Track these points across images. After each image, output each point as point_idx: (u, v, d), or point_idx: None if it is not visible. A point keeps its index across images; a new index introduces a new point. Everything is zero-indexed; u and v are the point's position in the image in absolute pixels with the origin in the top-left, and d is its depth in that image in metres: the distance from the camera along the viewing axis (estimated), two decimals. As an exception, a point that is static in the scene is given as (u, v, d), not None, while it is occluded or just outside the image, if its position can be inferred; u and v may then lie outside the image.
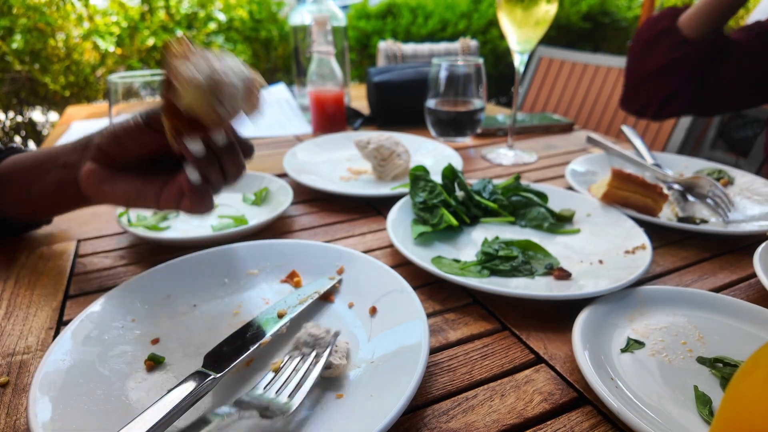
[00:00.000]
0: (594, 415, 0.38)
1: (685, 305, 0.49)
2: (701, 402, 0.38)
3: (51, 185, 0.53)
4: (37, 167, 0.54)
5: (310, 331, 0.41)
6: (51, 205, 0.57)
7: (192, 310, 0.48)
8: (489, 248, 0.56)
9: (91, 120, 1.28)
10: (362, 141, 0.82)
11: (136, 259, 0.60)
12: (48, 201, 0.55)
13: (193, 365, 0.41)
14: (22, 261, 0.59)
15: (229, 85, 0.38)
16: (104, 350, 0.41)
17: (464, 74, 0.98)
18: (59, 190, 0.53)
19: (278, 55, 2.91)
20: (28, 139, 2.81)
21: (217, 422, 0.33)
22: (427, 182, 0.66)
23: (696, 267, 0.59)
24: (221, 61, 0.39)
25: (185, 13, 2.67)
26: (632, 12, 3.21)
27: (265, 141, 1.10)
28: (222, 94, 0.38)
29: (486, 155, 0.98)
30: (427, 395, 0.39)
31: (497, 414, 0.37)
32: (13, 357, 0.43)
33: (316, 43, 1.03)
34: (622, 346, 0.44)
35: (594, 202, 0.69)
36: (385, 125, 1.17)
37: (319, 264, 0.54)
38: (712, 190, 0.70)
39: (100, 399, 0.37)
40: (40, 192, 0.54)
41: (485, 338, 0.46)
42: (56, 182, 0.52)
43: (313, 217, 0.72)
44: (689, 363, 0.42)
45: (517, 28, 0.84)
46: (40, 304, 0.51)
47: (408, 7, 2.72)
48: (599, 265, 0.56)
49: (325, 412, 0.36)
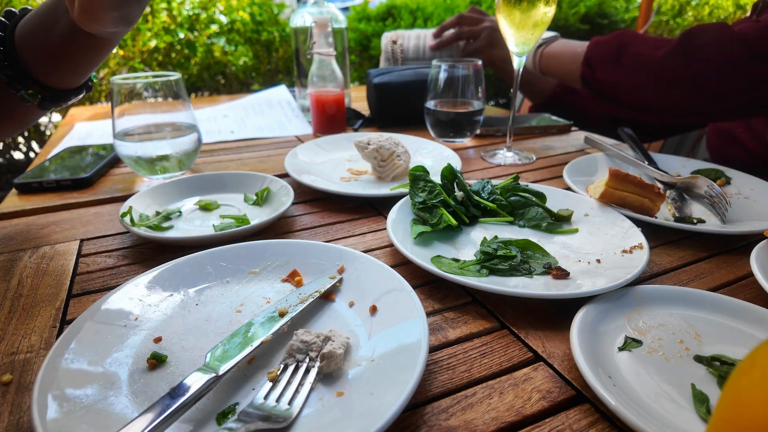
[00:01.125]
0: (592, 413, 0.38)
1: (682, 304, 0.49)
2: (698, 400, 0.38)
3: (65, 32, 0.55)
4: (48, 18, 0.56)
5: (302, 338, 0.42)
6: (72, 56, 0.59)
7: (194, 309, 0.48)
8: (488, 248, 0.57)
9: (94, 121, 1.29)
10: (362, 142, 0.82)
11: (139, 259, 0.60)
12: (68, 50, 0.58)
13: (195, 364, 0.41)
14: (25, 260, 0.60)
15: None
16: (107, 349, 0.42)
17: (463, 75, 0.99)
18: (72, 33, 0.55)
19: (279, 56, 2.92)
20: (32, 140, 2.81)
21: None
22: (427, 182, 0.67)
23: (693, 266, 0.59)
24: None
25: (187, 15, 2.68)
26: (630, 14, 3.21)
27: (266, 141, 1.11)
28: None
29: (485, 156, 0.98)
30: (427, 393, 0.40)
31: (496, 412, 0.38)
32: (17, 355, 0.44)
33: (316, 44, 1.03)
34: (620, 345, 0.44)
35: (592, 202, 0.69)
36: (385, 126, 1.18)
37: (320, 263, 0.54)
38: (710, 190, 0.71)
39: (102, 397, 0.37)
40: (60, 42, 0.56)
41: (484, 337, 0.46)
42: (68, 27, 0.55)
43: (314, 217, 0.72)
44: (686, 361, 0.43)
45: (515, 30, 0.85)
46: (43, 303, 0.51)
47: (408, 9, 2.73)
48: (597, 265, 0.56)
49: (326, 410, 0.37)
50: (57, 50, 0.57)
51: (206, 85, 2.87)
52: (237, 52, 2.76)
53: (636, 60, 0.89)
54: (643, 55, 0.88)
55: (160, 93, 0.80)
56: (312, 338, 0.42)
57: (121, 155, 0.82)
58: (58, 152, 0.98)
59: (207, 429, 0.35)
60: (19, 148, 2.77)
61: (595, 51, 0.95)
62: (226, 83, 2.93)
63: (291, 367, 0.40)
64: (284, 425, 0.35)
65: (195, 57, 2.71)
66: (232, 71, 2.84)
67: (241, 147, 1.07)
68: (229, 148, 1.06)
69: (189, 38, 2.70)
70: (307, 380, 0.39)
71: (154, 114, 0.82)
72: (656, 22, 3.44)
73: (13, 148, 2.68)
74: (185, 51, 2.71)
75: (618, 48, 0.91)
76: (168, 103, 0.81)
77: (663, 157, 0.91)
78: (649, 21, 2.44)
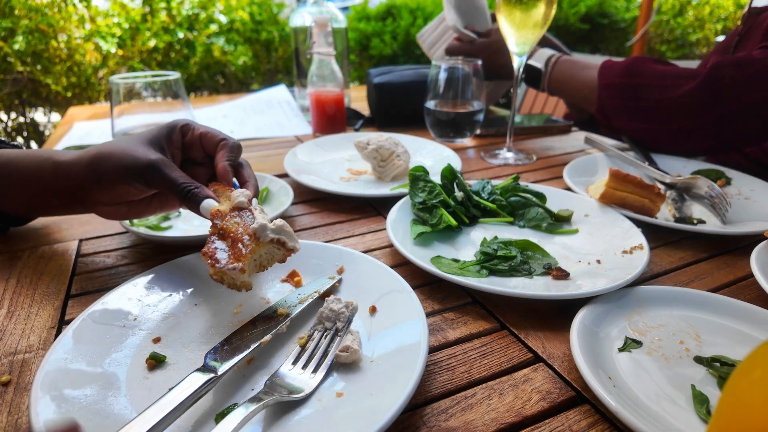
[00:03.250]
0: (592, 414, 0.38)
1: (682, 305, 0.49)
2: (698, 401, 0.38)
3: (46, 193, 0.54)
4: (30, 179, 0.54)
5: (331, 306, 0.44)
6: (44, 211, 0.60)
7: (193, 310, 0.48)
8: (488, 248, 0.57)
9: (93, 120, 1.29)
10: (362, 142, 0.82)
11: (138, 259, 0.60)
12: (45, 207, 0.57)
13: (194, 364, 0.41)
14: (24, 260, 0.60)
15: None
16: (106, 349, 0.42)
17: (463, 75, 0.99)
18: (61, 203, 0.54)
19: (279, 56, 2.92)
20: (31, 139, 2.81)
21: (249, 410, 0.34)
22: (427, 183, 0.67)
23: (693, 267, 0.59)
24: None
25: (186, 14, 2.68)
26: (630, 13, 3.22)
27: (265, 141, 1.11)
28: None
29: (485, 156, 0.98)
30: (427, 394, 0.39)
31: (496, 412, 0.38)
32: (15, 356, 0.44)
33: (316, 44, 1.03)
34: (620, 346, 0.44)
35: (592, 202, 0.69)
36: (385, 126, 1.18)
37: (319, 263, 0.54)
38: (710, 190, 0.71)
39: (101, 398, 0.37)
40: (35, 201, 0.55)
41: (484, 337, 0.46)
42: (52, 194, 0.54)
43: (314, 217, 0.72)
44: (687, 362, 0.43)
45: (515, 29, 0.85)
46: (42, 304, 0.51)
47: (408, 8, 2.73)
48: (597, 265, 0.56)
49: (326, 411, 0.37)
50: (31, 204, 0.57)
51: (205, 84, 2.86)
52: (236, 52, 2.76)
53: (657, 104, 0.83)
54: (663, 99, 0.82)
55: (160, 92, 0.80)
56: (341, 307, 0.44)
57: (120, 155, 0.82)
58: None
59: (207, 429, 0.35)
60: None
61: (608, 97, 0.89)
62: (226, 83, 2.92)
63: (319, 334, 0.43)
64: (303, 396, 0.37)
65: (194, 57, 2.71)
66: (232, 71, 2.84)
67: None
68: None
69: (188, 38, 2.69)
70: (332, 350, 0.41)
71: (153, 113, 0.82)
72: (656, 22, 3.44)
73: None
74: (184, 51, 2.70)
75: (634, 92, 0.85)
76: (167, 103, 0.81)
77: (663, 158, 0.91)
78: (650, 21, 2.44)
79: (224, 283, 0.44)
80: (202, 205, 0.47)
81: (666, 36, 3.54)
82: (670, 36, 3.52)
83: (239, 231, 0.45)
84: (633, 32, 3.08)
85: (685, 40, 3.50)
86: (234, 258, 0.43)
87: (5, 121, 2.75)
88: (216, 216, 0.46)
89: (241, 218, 0.46)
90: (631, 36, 3.11)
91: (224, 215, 0.46)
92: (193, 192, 0.48)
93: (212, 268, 0.43)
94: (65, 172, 0.52)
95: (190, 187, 0.48)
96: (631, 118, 0.87)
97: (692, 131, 0.82)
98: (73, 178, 0.51)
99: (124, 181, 0.49)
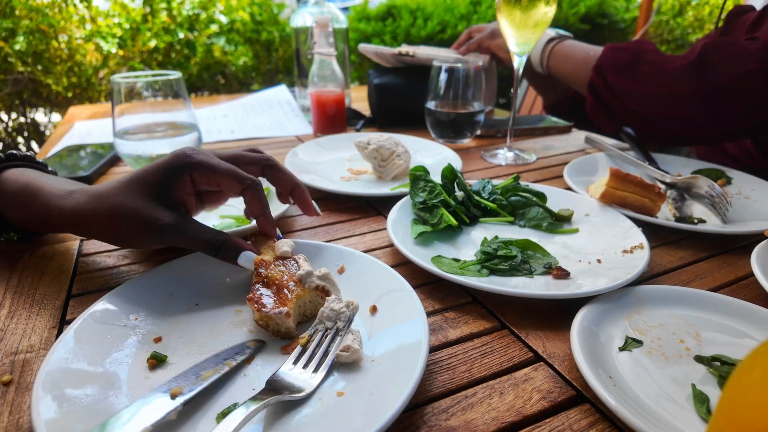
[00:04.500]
0: (592, 413, 0.38)
1: (682, 304, 0.49)
2: (699, 400, 0.38)
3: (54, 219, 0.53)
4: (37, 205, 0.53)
5: (332, 305, 0.44)
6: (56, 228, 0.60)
7: (194, 309, 0.48)
8: (488, 248, 0.57)
9: (93, 120, 1.29)
10: (362, 142, 0.82)
11: (139, 259, 0.60)
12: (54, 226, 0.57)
13: (195, 363, 0.41)
14: (24, 260, 0.60)
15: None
16: (107, 349, 0.42)
17: (464, 76, 0.99)
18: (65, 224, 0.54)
19: (279, 56, 2.92)
20: (31, 140, 2.81)
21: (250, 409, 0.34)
22: (427, 182, 0.67)
23: (694, 266, 0.59)
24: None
25: (187, 14, 2.68)
26: (630, 13, 3.21)
27: (266, 141, 1.11)
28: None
29: (485, 156, 0.98)
30: (427, 393, 0.40)
31: (496, 412, 0.38)
32: (17, 356, 0.44)
33: (317, 44, 1.03)
34: (620, 345, 0.44)
35: (592, 202, 0.69)
36: (386, 126, 1.18)
37: (320, 263, 0.54)
38: (710, 190, 0.71)
39: (102, 397, 0.37)
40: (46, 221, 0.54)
41: (484, 337, 0.46)
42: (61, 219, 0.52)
43: (314, 216, 0.72)
44: (687, 361, 0.43)
45: (516, 29, 0.85)
46: (43, 303, 0.51)
47: (408, 9, 2.73)
48: (597, 265, 0.56)
49: (327, 410, 0.37)
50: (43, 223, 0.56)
51: (206, 84, 2.86)
52: (237, 52, 2.76)
53: (652, 68, 0.88)
54: (659, 63, 0.87)
55: (161, 92, 0.80)
56: (341, 307, 0.44)
57: (121, 154, 0.82)
58: (57, 151, 0.98)
59: (207, 429, 0.35)
60: (19, 147, 2.77)
61: (610, 56, 0.93)
62: (226, 83, 2.93)
63: (320, 333, 0.43)
64: (303, 395, 0.37)
65: (195, 57, 2.71)
66: (232, 71, 2.84)
67: (241, 146, 1.06)
68: (229, 147, 1.06)
69: (189, 38, 2.70)
70: (332, 351, 0.41)
71: (154, 113, 0.82)
72: (656, 22, 3.44)
73: (12, 148, 2.68)
74: (185, 51, 2.71)
75: (635, 54, 0.90)
76: (168, 102, 0.81)
77: (664, 157, 0.91)
78: (650, 21, 2.44)
79: (268, 329, 0.45)
80: (241, 258, 0.48)
81: (666, 36, 3.54)
82: (670, 36, 3.52)
83: (284, 278, 0.46)
84: (633, 32, 3.08)
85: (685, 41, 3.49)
86: (280, 303, 0.44)
87: (6, 121, 2.76)
88: (260, 265, 0.47)
89: (286, 267, 0.48)
90: (630, 36, 3.11)
91: (269, 264, 0.48)
92: (225, 245, 0.48)
93: (258, 313, 0.43)
94: (71, 222, 0.52)
95: (219, 239, 0.48)
96: (628, 76, 0.91)
97: (680, 99, 0.85)
98: (88, 231, 0.53)
99: (144, 246, 0.53)
